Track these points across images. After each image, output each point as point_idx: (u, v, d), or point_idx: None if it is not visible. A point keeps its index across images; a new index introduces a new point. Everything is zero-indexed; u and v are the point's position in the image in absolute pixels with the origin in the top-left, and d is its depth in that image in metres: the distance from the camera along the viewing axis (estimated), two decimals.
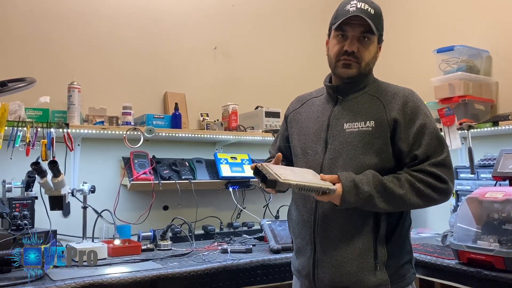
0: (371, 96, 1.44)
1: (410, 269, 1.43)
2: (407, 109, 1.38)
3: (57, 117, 2.14)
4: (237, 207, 2.72)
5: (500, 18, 2.59)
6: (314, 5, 3.34)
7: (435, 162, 1.33)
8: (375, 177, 1.32)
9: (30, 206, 2.08)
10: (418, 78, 2.91)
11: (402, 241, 1.42)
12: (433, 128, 1.37)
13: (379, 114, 1.39)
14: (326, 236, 1.40)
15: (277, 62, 3.11)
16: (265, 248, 2.24)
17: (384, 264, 1.35)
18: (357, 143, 1.38)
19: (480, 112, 2.49)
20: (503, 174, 2.02)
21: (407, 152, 1.36)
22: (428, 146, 1.34)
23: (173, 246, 2.26)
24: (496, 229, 1.76)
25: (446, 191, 1.34)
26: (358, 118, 1.41)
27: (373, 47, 1.43)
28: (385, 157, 1.37)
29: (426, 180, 1.31)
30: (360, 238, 1.36)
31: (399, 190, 1.31)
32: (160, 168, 2.48)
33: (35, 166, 1.86)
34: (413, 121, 1.37)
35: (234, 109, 2.68)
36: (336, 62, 1.44)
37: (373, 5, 1.40)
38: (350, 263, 1.36)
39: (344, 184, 1.29)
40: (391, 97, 1.41)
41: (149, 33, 2.68)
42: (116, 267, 1.84)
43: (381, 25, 1.43)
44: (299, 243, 1.49)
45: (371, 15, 1.37)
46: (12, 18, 2.31)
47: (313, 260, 1.42)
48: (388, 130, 1.37)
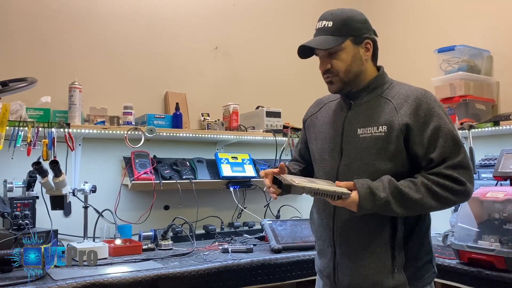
0: (383, 99, 1.43)
1: (430, 269, 1.43)
2: (420, 112, 1.36)
3: (58, 117, 2.14)
4: (238, 206, 2.73)
5: (501, 18, 2.59)
6: (316, 5, 3.33)
7: (451, 164, 1.31)
8: (391, 183, 1.31)
9: (31, 205, 2.08)
10: (419, 78, 2.89)
11: (421, 242, 1.42)
12: (448, 129, 1.34)
13: (391, 118, 1.38)
14: (345, 240, 1.42)
15: (278, 62, 3.11)
16: (266, 248, 2.24)
17: (402, 266, 1.37)
18: (371, 148, 1.38)
19: (481, 112, 2.49)
20: (504, 174, 2.02)
21: (422, 156, 1.35)
22: (444, 148, 1.33)
23: (174, 246, 2.26)
24: (497, 229, 1.76)
25: (464, 193, 1.33)
26: (371, 123, 1.40)
27: (346, 53, 1.42)
28: (399, 161, 1.37)
29: (442, 183, 1.30)
30: (377, 242, 1.37)
31: (416, 195, 1.30)
32: (161, 168, 2.48)
33: (36, 166, 1.86)
34: (427, 123, 1.35)
35: (235, 109, 2.68)
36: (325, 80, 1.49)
37: (331, 17, 1.43)
38: (368, 266, 1.38)
39: (360, 191, 1.29)
40: (404, 100, 1.39)
41: (150, 33, 2.69)
42: (117, 266, 1.85)
43: (347, 28, 1.42)
44: (320, 244, 1.52)
45: (328, 29, 1.41)
46: (14, 18, 2.32)
47: (333, 263, 1.45)
48: (401, 135, 1.36)
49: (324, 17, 1.44)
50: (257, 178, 2.71)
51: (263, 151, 2.91)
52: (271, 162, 2.80)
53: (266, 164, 2.83)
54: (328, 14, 1.45)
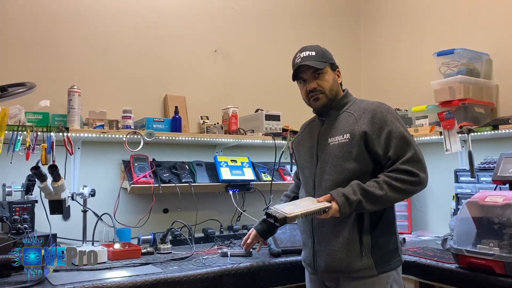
0: (348, 114, 1.74)
1: (395, 257, 1.69)
2: (376, 120, 1.66)
3: (57, 121, 2.14)
4: (237, 210, 2.72)
5: (500, 21, 2.59)
6: (315, 8, 3.35)
7: (405, 160, 1.59)
8: (359, 186, 1.60)
9: (30, 209, 2.08)
10: (418, 81, 2.91)
11: (386, 232, 1.68)
12: (399, 132, 1.63)
13: (353, 127, 1.68)
14: (322, 231, 1.71)
15: (277, 65, 3.11)
16: (265, 251, 2.23)
17: (369, 251, 1.63)
18: (338, 152, 1.68)
19: (480, 115, 2.49)
20: (503, 178, 2.02)
21: (383, 155, 1.64)
22: (397, 147, 1.61)
23: (173, 250, 2.26)
24: (496, 234, 1.75)
25: (419, 182, 1.59)
26: (338, 133, 1.72)
27: (329, 76, 1.76)
28: (363, 162, 1.66)
29: (400, 178, 1.58)
30: (347, 230, 1.65)
31: (379, 192, 1.57)
32: (160, 171, 2.48)
33: (35, 170, 1.85)
34: (382, 129, 1.64)
35: (234, 112, 2.68)
36: (308, 100, 1.79)
37: (312, 48, 1.77)
38: (340, 251, 1.65)
39: (337, 200, 1.57)
40: (362, 112, 1.70)
41: (149, 36, 2.69)
42: (116, 271, 1.85)
43: (327, 57, 1.77)
44: (304, 238, 1.82)
45: (312, 57, 1.74)
46: (12, 22, 2.31)
47: (313, 251, 1.74)
48: (361, 140, 1.65)
49: (306, 49, 1.77)
50: (256, 181, 2.71)
51: (262, 154, 2.91)
52: (270, 165, 2.80)
53: (265, 167, 2.83)
54: (308, 47, 1.78)
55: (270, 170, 2.79)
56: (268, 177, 2.76)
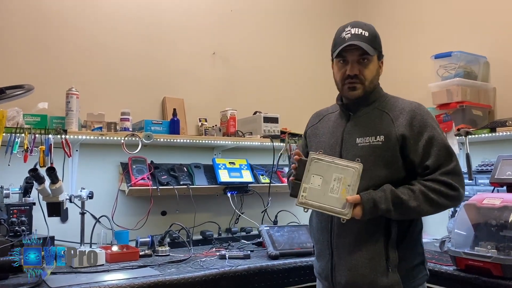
0: (380, 111, 1.55)
1: (422, 271, 1.53)
2: (415, 123, 1.48)
3: (55, 123, 2.14)
4: (235, 212, 2.72)
5: (497, 24, 2.60)
6: (313, 11, 3.35)
7: (445, 171, 1.43)
8: (392, 193, 1.42)
9: (28, 212, 2.07)
10: (416, 84, 2.92)
11: (414, 245, 1.52)
12: (440, 139, 1.47)
13: (388, 129, 1.49)
14: (342, 242, 1.51)
15: (276, 68, 3.12)
16: (263, 254, 2.23)
17: (396, 266, 1.45)
18: (369, 156, 1.48)
19: (477, 117, 2.49)
20: (500, 180, 2.03)
21: (418, 163, 1.47)
22: (438, 156, 1.45)
23: (171, 252, 2.25)
24: (493, 236, 1.76)
25: (457, 197, 1.45)
26: (369, 133, 1.51)
27: (374, 66, 1.54)
28: (395, 168, 1.48)
29: (438, 189, 1.42)
30: (372, 243, 1.47)
31: (414, 203, 1.41)
32: (158, 173, 2.48)
33: (33, 172, 1.86)
34: (421, 134, 1.47)
35: (232, 114, 2.68)
36: (342, 86, 1.56)
37: (366, 27, 1.53)
38: (364, 266, 1.46)
39: (365, 207, 1.41)
40: (399, 112, 1.52)
41: (147, 39, 2.69)
42: (114, 273, 1.84)
43: (378, 44, 1.55)
44: (319, 248, 1.61)
45: (366, 38, 1.50)
46: (10, 24, 2.31)
47: (331, 264, 1.54)
48: (397, 144, 1.47)
49: (359, 25, 1.52)
50: (254, 184, 2.71)
51: (261, 157, 2.91)
52: (268, 167, 2.80)
53: (263, 169, 2.83)
54: (362, 24, 1.54)
55: (268, 172, 2.79)
56: (266, 179, 2.76)
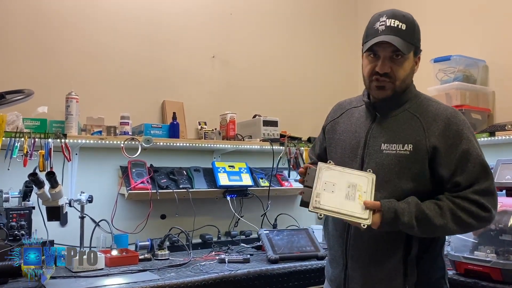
0: (411, 115, 1.38)
1: (442, 285, 1.42)
2: (449, 133, 1.33)
3: (55, 127, 2.14)
4: (234, 215, 2.72)
5: (496, 28, 2.60)
6: (314, 13, 3.35)
7: (478, 190, 1.28)
8: (418, 207, 1.28)
9: (27, 216, 2.08)
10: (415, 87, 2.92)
11: (434, 259, 1.39)
12: (476, 154, 1.31)
13: (419, 137, 1.34)
14: (358, 254, 1.40)
15: (275, 71, 3.12)
16: (263, 257, 2.23)
17: (413, 284, 1.34)
18: (394, 166, 1.34)
19: (477, 121, 2.50)
20: (499, 184, 2.03)
21: (448, 178, 1.32)
22: (472, 173, 1.29)
23: (171, 256, 2.25)
24: (493, 240, 1.76)
25: (488, 219, 1.30)
26: (397, 140, 1.36)
27: (408, 63, 1.38)
28: (422, 182, 1.34)
29: (468, 209, 1.27)
30: (389, 259, 1.35)
31: (440, 221, 1.27)
32: (158, 177, 2.48)
33: (33, 177, 1.86)
34: (455, 146, 1.31)
35: (232, 117, 2.68)
36: (370, 82, 1.40)
37: (404, 19, 1.35)
38: (379, 283, 1.36)
39: (384, 215, 1.27)
40: (432, 118, 1.35)
41: (147, 42, 2.69)
42: (113, 277, 1.84)
43: (416, 37, 1.38)
44: (332, 254, 1.51)
45: (402, 32, 1.33)
46: (10, 29, 2.31)
47: (345, 275, 1.44)
48: (427, 157, 1.32)
49: (396, 17, 1.35)
50: (254, 187, 2.71)
51: (260, 160, 2.91)
52: (268, 170, 2.80)
53: (263, 172, 2.83)
54: (400, 14, 1.36)
55: (268, 176, 2.79)
56: (266, 183, 2.76)
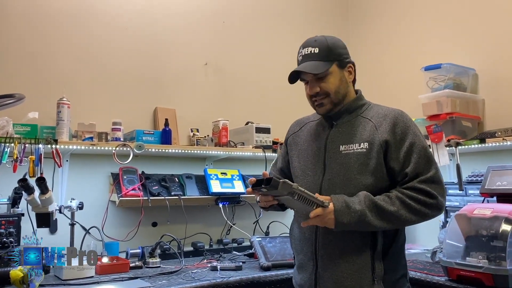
0: (363, 119, 1.53)
1: (405, 283, 1.52)
2: (397, 130, 1.46)
3: (46, 133, 2.12)
4: (227, 223, 2.71)
5: (486, 37, 2.65)
6: (305, 22, 3.38)
7: (424, 179, 1.41)
8: (367, 197, 1.40)
9: (16, 223, 2.04)
10: (406, 95, 2.95)
11: (398, 256, 1.50)
12: (421, 146, 1.45)
13: (372, 136, 1.47)
14: (327, 253, 1.47)
15: (268, 78, 3.13)
16: (255, 265, 2.22)
17: (381, 278, 1.43)
18: (353, 163, 1.46)
19: (467, 128, 2.52)
20: (490, 190, 2.04)
21: (398, 171, 1.44)
22: (418, 164, 1.42)
23: (162, 264, 2.23)
24: (484, 246, 1.76)
25: (436, 206, 1.41)
26: (353, 140, 1.49)
27: (334, 77, 1.52)
28: (380, 176, 1.45)
29: (415, 197, 1.39)
30: (358, 254, 1.44)
31: (391, 207, 1.38)
32: (150, 184, 2.46)
33: (22, 183, 1.83)
34: (403, 140, 1.45)
35: (224, 124, 2.68)
36: (311, 103, 1.58)
37: (316, 43, 1.51)
38: (350, 278, 1.43)
39: (336, 204, 1.37)
40: (382, 118, 1.49)
41: (139, 49, 2.69)
42: (104, 285, 1.82)
43: (334, 53, 1.51)
44: (301, 259, 1.56)
45: (315, 55, 1.50)
46: (1, 33, 2.30)
47: (315, 276, 1.49)
48: (381, 151, 1.45)
49: (309, 44, 1.53)
50: (246, 194, 2.70)
51: (253, 167, 2.91)
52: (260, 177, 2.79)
53: None
54: (311, 41, 1.53)
55: None
56: None
